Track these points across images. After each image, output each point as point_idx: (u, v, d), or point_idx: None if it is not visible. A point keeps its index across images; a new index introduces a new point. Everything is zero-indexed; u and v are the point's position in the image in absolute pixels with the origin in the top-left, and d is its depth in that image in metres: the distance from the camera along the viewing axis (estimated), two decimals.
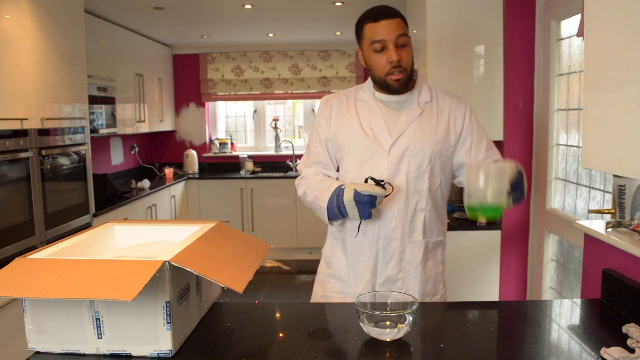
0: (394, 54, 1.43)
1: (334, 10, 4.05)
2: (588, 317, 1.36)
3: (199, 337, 1.22)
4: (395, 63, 1.44)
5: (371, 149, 1.52)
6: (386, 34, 1.44)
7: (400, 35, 1.44)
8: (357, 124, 1.55)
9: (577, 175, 2.39)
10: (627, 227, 1.52)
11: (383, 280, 1.54)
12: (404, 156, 1.50)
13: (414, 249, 1.53)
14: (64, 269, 1.06)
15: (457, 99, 1.60)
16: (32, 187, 2.66)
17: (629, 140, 1.01)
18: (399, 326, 1.16)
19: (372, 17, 1.46)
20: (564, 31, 2.48)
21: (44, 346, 1.13)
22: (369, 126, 1.53)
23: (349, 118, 1.57)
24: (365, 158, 1.53)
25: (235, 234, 1.46)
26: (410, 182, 1.50)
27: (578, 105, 2.34)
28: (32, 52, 2.70)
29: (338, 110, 1.60)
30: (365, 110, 1.56)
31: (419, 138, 1.50)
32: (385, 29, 1.44)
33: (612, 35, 1.06)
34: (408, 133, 1.51)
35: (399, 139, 1.50)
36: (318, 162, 1.64)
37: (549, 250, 2.65)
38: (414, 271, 1.54)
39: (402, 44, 1.45)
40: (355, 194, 1.38)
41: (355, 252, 1.57)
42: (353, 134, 1.54)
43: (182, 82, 5.79)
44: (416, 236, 1.53)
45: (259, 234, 5.23)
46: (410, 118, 1.52)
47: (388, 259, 1.53)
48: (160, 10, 3.94)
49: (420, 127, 1.51)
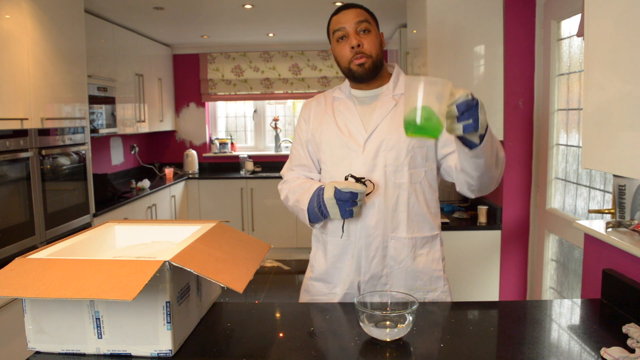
0: (354, 39, 1.45)
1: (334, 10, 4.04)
2: (588, 317, 1.36)
3: (199, 337, 1.22)
4: (356, 49, 1.45)
5: (346, 145, 1.51)
6: (345, 22, 1.47)
7: (360, 22, 1.46)
8: (332, 122, 1.55)
9: (577, 175, 2.39)
10: (627, 227, 1.52)
11: (368, 278, 1.52)
12: (380, 150, 1.48)
13: (397, 245, 1.50)
14: (64, 268, 1.06)
15: None
16: (32, 187, 2.66)
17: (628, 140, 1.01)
18: (399, 326, 1.16)
19: (335, 11, 1.52)
20: (564, 31, 2.48)
21: (44, 346, 1.13)
22: (343, 123, 1.54)
23: (326, 117, 1.58)
24: (341, 155, 1.52)
25: (235, 234, 1.46)
26: (388, 177, 1.48)
27: (578, 105, 2.34)
28: (32, 52, 2.70)
29: (316, 111, 1.61)
30: (341, 108, 1.56)
31: (394, 131, 1.48)
32: (345, 17, 1.48)
33: (612, 35, 1.06)
34: (382, 127, 1.49)
35: (374, 133, 1.49)
36: (300, 164, 1.65)
37: (549, 250, 2.65)
38: (398, 267, 1.51)
39: (363, 29, 1.46)
40: (335, 191, 1.37)
41: (337, 253, 1.55)
42: (329, 132, 1.55)
43: (182, 82, 5.79)
44: (400, 232, 1.50)
45: (259, 234, 5.23)
46: (384, 111, 1.50)
47: (372, 256, 1.51)
48: (161, 10, 3.94)
49: (395, 120, 1.49)
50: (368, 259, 1.51)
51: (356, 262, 1.52)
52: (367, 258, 1.51)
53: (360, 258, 1.52)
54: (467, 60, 2.76)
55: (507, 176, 2.77)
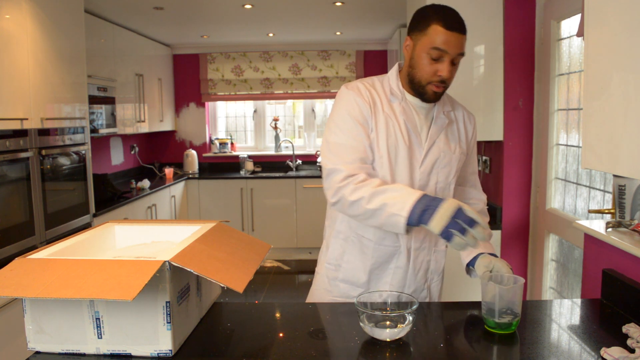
0: (447, 70, 1.35)
1: (334, 10, 4.05)
2: (588, 317, 1.36)
3: (199, 337, 1.22)
4: (443, 78, 1.37)
5: (406, 156, 1.43)
6: (451, 48, 1.33)
7: (461, 55, 1.37)
8: (396, 125, 1.43)
9: (577, 175, 2.39)
10: (627, 227, 1.52)
11: (412, 291, 1.52)
12: (435, 167, 1.47)
13: (438, 257, 1.55)
14: (64, 268, 1.06)
15: (467, 110, 1.59)
16: (32, 187, 2.66)
17: (628, 140, 1.01)
18: (399, 326, 1.16)
19: (444, 23, 1.33)
20: (564, 31, 2.48)
21: (44, 346, 1.13)
22: (405, 131, 1.44)
23: (385, 117, 1.43)
24: (402, 164, 1.43)
25: (235, 234, 1.46)
26: (437, 193, 1.49)
27: (578, 105, 2.34)
28: (32, 52, 2.70)
29: (372, 104, 1.43)
30: (400, 112, 1.44)
31: (448, 149, 1.47)
32: (453, 42, 1.33)
33: (612, 35, 1.06)
34: (439, 143, 1.47)
35: (431, 149, 1.46)
36: (360, 158, 1.41)
37: (549, 250, 2.65)
38: (437, 279, 1.57)
39: (457, 62, 1.39)
40: (458, 209, 1.22)
41: (381, 261, 1.50)
42: (391, 137, 1.42)
43: (182, 82, 5.79)
44: (440, 245, 1.54)
45: (259, 234, 5.23)
46: (440, 127, 1.47)
47: (417, 269, 1.52)
48: (160, 10, 3.94)
49: (448, 138, 1.49)
50: (414, 272, 1.52)
51: (402, 273, 1.50)
52: (413, 270, 1.52)
53: (407, 270, 1.51)
54: (467, 60, 2.75)
55: (507, 176, 2.77)
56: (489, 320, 1.21)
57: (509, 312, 1.20)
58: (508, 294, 1.20)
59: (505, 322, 1.19)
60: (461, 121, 1.54)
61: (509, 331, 1.20)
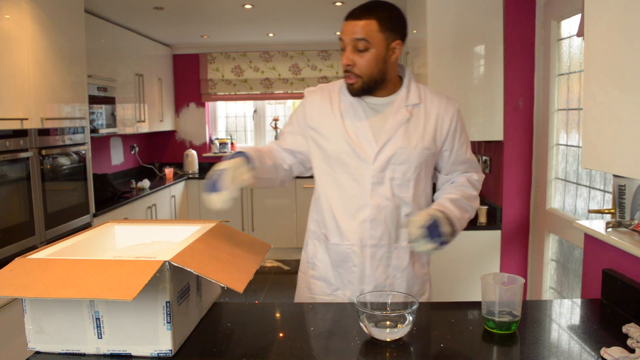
0: (345, 56, 1.40)
1: (334, 10, 4.05)
2: (588, 317, 1.36)
3: (199, 337, 1.22)
4: (345, 67, 1.40)
5: (356, 155, 1.45)
6: (344, 34, 1.39)
7: (358, 40, 1.37)
8: (341, 127, 1.47)
9: (577, 175, 2.39)
10: (627, 227, 1.52)
11: (372, 287, 1.52)
12: (389, 164, 1.44)
13: (400, 254, 1.51)
14: (64, 268, 1.06)
15: (447, 101, 1.52)
16: (32, 187, 2.66)
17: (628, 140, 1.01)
18: (399, 326, 1.16)
19: (346, 14, 1.41)
20: (564, 31, 2.48)
21: (44, 346, 1.13)
22: (354, 131, 1.46)
23: (332, 119, 1.49)
24: (349, 164, 1.46)
25: (235, 234, 1.46)
26: (394, 190, 1.46)
27: (578, 105, 2.34)
28: (32, 52, 2.70)
29: (320, 107, 1.52)
30: (350, 113, 1.48)
31: (406, 145, 1.44)
32: (346, 29, 1.39)
33: (612, 35, 1.06)
34: (395, 140, 1.44)
35: (385, 147, 1.44)
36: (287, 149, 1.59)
37: (549, 250, 2.65)
38: (401, 276, 1.52)
39: (361, 49, 1.38)
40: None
41: (339, 259, 1.52)
42: (337, 138, 1.47)
43: (182, 82, 5.79)
44: (402, 241, 1.50)
45: (259, 234, 5.23)
46: (398, 123, 1.45)
47: (376, 266, 1.50)
48: (160, 10, 3.94)
49: (407, 133, 1.45)
50: (373, 269, 1.51)
51: (360, 271, 1.51)
52: (371, 267, 1.50)
53: (364, 267, 1.51)
54: (467, 60, 2.76)
55: (507, 176, 2.77)
56: (489, 320, 1.21)
57: (509, 312, 1.20)
58: (508, 294, 1.20)
59: (505, 322, 1.19)
60: (434, 115, 1.48)
61: (509, 331, 1.20)
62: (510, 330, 1.20)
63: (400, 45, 1.43)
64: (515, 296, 1.20)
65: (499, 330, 1.20)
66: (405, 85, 1.49)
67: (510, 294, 1.20)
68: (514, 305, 1.20)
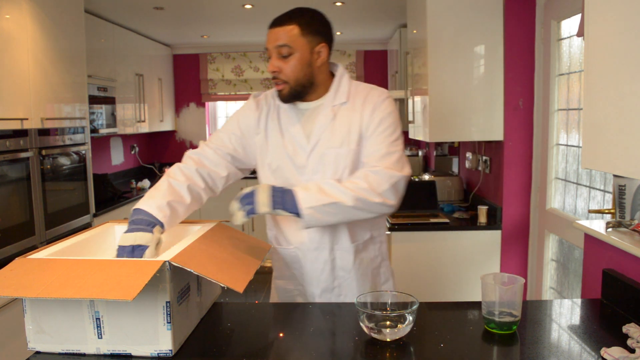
0: (271, 64, 1.41)
1: (334, 10, 4.05)
2: (588, 317, 1.36)
3: (199, 337, 1.22)
4: (271, 74, 1.42)
5: (292, 160, 1.47)
6: (268, 42, 1.41)
7: (280, 47, 1.38)
8: (279, 134, 1.50)
9: (577, 175, 2.39)
10: (627, 227, 1.52)
11: (320, 290, 1.55)
12: (320, 166, 1.45)
13: (343, 255, 1.52)
14: (64, 268, 1.06)
15: (371, 94, 1.47)
16: (32, 187, 2.66)
17: (629, 140, 1.01)
18: (399, 326, 1.16)
19: (270, 23, 1.43)
20: (564, 31, 2.48)
21: (44, 346, 1.13)
22: (289, 137, 1.49)
23: (272, 124, 1.52)
24: (286, 168, 1.49)
25: (236, 233, 1.46)
26: None
27: (578, 105, 2.34)
28: (32, 52, 2.70)
29: (263, 113, 1.54)
30: (285, 118, 1.51)
31: (333, 145, 1.44)
32: (269, 37, 1.41)
33: (612, 35, 1.06)
34: (322, 141, 1.45)
35: (314, 150, 1.46)
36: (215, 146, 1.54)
37: (549, 250, 2.65)
38: (348, 276, 1.54)
39: (285, 54, 1.39)
40: None
41: (288, 262, 1.57)
42: (275, 144, 1.50)
43: (182, 82, 5.79)
44: (343, 242, 1.51)
45: (259, 234, 5.22)
46: (323, 125, 1.46)
47: (320, 269, 1.52)
48: (161, 10, 3.94)
49: (334, 134, 1.45)
50: (318, 272, 1.53)
51: (307, 273, 1.54)
52: (316, 270, 1.53)
53: (310, 271, 1.54)
54: (467, 60, 2.76)
55: (508, 176, 2.77)
56: (489, 320, 1.21)
57: (509, 313, 1.20)
58: (508, 294, 1.20)
59: (506, 322, 1.19)
60: (359, 110, 1.46)
61: (509, 331, 1.20)
62: (511, 331, 1.20)
63: (326, 49, 1.44)
64: (515, 296, 1.20)
65: (499, 331, 1.20)
66: (334, 86, 1.49)
67: (511, 294, 1.20)
68: (514, 305, 1.20)
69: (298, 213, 1.34)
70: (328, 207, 1.34)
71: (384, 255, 1.63)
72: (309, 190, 1.35)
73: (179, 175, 1.46)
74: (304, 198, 1.34)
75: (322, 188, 1.36)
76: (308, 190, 1.35)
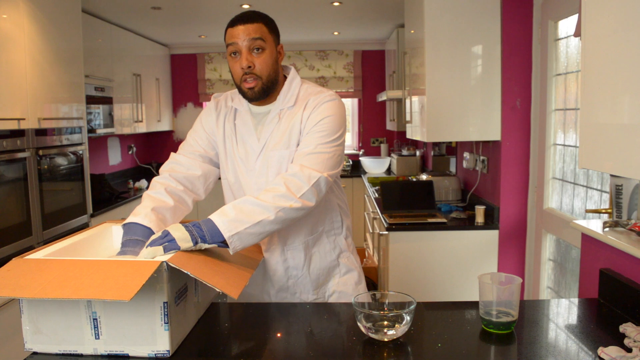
0: (244, 59, 1.39)
1: (332, 10, 4.05)
2: (585, 317, 1.36)
3: (197, 337, 1.22)
4: (245, 69, 1.39)
5: (244, 164, 1.51)
6: (238, 37, 1.38)
7: (254, 39, 1.38)
8: (234, 137, 1.53)
9: (574, 175, 2.40)
10: (624, 227, 1.52)
11: (276, 289, 1.57)
12: (265, 170, 1.48)
13: (294, 254, 1.55)
14: (61, 269, 1.06)
15: (317, 96, 1.47)
16: (29, 187, 2.66)
17: (626, 140, 1.01)
18: (396, 326, 1.17)
19: (231, 22, 1.42)
20: (562, 31, 2.48)
21: (42, 347, 1.13)
22: (242, 141, 1.51)
23: (228, 127, 1.54)
24: (241, 173, 1.52)
25: None
26: None
27: (575, 105, 2.35)
28: (30, 51, 2.69)
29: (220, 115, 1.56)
30: (240, 122, 1.53)
31: (278, 148, 1.46)
32: (239, 32, 1.39)
33: (610, 35, 1.06)
34: (268, 145, 1.47)
35: (262, 152, 1.48)
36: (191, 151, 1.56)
37: (546, 249, 2.65)
38: (301, 274, 1.56)
39: (257, 47, 1.39)
40: None
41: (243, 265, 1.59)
42: (231, 147, 1.53)
43: (180, 82, 5.78)
44: (292, 240, 1.53)
45: None
46: (269, 129, 1.48)
47: (273, 270, 1.55)
48: (158, 10, 3.93)
49: (278, 137, 1.46)
50: (271, 272, 1.55)
51: (261, 274, 1.57)
52: (269, 272, 1.56)
53: (263, 273, 1.56)
54: (464, 60, 2.76)
55: (505, 176, 2.78)
56: (487, 320, 1.21)
57: (506, 312, 1.20)
58: (505, 293, 1.20)
59: (503, 322, 1.19)
60: (300, 113, 1.46)
61: (507, 331, 1.20)
62: (508, 330, 1.20)
63: (282, 50, 1.50)
64: (512, 296, 1.20)
65: (496, 330, 1.20)
66: (284, 90, 1.50)
67: (508, 294, 1.20)
68: (511, 305, 1.20)
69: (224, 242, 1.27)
70: (251, 228, 1.27)
71: (343, 246, 1.62)
72: (227, 216, 1.26)
73: (156, 185, 1.49)
74: (225, 226, 1.25)
75: (242, 209, 1.28)
76: (227, 215, 1.27)
